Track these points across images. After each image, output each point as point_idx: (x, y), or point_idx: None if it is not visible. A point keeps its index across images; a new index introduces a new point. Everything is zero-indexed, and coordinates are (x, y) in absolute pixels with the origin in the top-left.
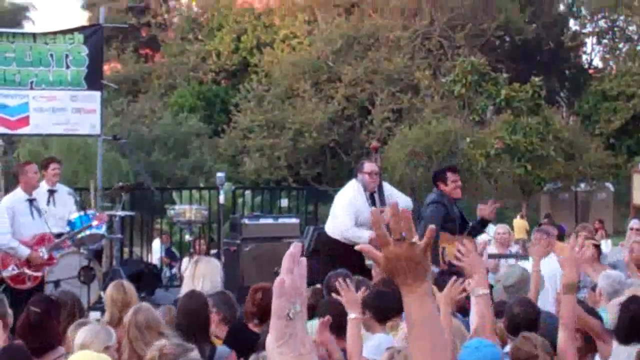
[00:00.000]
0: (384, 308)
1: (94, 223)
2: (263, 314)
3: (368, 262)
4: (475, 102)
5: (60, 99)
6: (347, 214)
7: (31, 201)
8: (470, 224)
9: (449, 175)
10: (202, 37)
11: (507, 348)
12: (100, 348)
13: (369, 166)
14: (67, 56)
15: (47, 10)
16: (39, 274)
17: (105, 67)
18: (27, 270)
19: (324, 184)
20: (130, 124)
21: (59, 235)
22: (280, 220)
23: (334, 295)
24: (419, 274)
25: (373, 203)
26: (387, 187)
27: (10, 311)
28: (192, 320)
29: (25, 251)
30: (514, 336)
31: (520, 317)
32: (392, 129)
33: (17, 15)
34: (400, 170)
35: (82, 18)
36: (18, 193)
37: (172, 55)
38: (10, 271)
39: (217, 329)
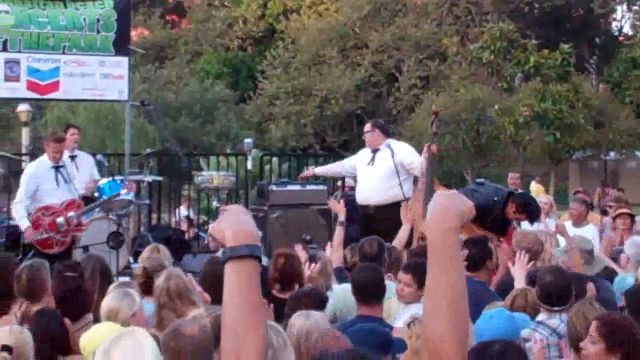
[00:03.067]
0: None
1: (123, 191)
2: (285, 280)
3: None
4: (503, 69)
5: (90, 64)
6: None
7: (57, 168)
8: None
9: (520, 212)
10: (229, 3)
11: (540, 317)
12: (127, 315)
13: (365, 128)
14: (98, 21)
15: None
16: (67, 239)
17: (133, 33)
18: (56, 235)
19: (350, 151)
20: (157, 90)
21: (85, 198)
22: (308, 187)
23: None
24: None
25: (372, 160)
26: (400, 149)
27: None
28: (215, 286)
29: (24, 224)
30: (548, 305)
31: (553, 285)
32: (419, 96)
33: None
34: (427, 138)
35: None
36: (44, 160)
37: (199, 22)
38: (39, 235)
39: None
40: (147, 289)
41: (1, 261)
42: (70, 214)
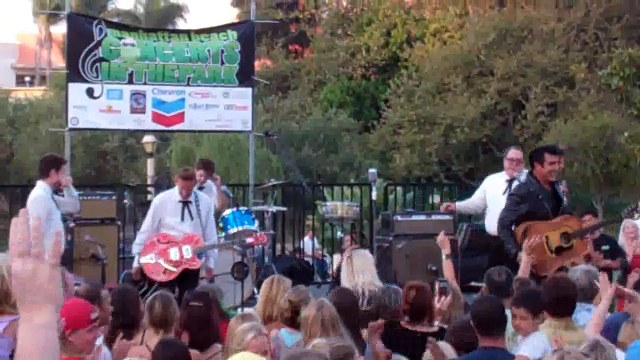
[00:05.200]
0: (534, 304)
1: (249, 241)
2: (415, 312)
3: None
4: (633, 95)
5: (214, 96)
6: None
7: (185, 203)
8: (565, 201)
9: (547, 156)
10: (352, 32)
11: None
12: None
13: (512, 152)
14: (222, 52)
15: (196, 7)
16: (174, 269)
17: (256, 64)
18: (164, 264)
19: (476, 180)
20: (280, 120)
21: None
22: (434, 217)
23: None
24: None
25: (509, 189)
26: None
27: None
28: (343, 316)
29: (134, 264)
30: None
31: None
32: (546, 123)
33: (170, 15)
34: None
35: (230, 15)
36: (172, 194)
37: (322, 51)
38: (147, 259)
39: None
40: (292, 321)
41: (121, 293)
42: (186, 247)
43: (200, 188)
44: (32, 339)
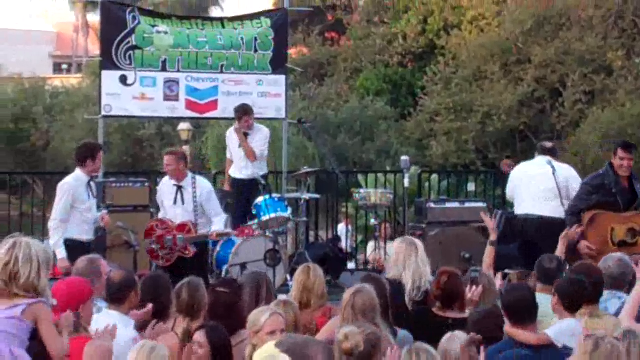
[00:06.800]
0: (577, 296)
1: (234, 234)
2: (447, 298)
3: None
4: None
5: (247, 83)
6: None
7: (179, 188)
8: None
9: (619, 150)
10: (388, 20)
11: None
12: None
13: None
14: (255, 39)
15: None
16: (171, 257)
17: (292, 51)
18: (160, 250)
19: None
20: (316, 107)
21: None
22: (467, 205)
23: None
24: None
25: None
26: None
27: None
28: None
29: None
30: None
31: None
32: (584, 111)
33: (204, 2)
34: (592, 154)
35: (266, 3)
36: (168, 178)
37: (358, 39)
38: (149, 244)
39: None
40: None
41: (153, 280)
42: (179, 235)
43: (246, 134)
44: None
